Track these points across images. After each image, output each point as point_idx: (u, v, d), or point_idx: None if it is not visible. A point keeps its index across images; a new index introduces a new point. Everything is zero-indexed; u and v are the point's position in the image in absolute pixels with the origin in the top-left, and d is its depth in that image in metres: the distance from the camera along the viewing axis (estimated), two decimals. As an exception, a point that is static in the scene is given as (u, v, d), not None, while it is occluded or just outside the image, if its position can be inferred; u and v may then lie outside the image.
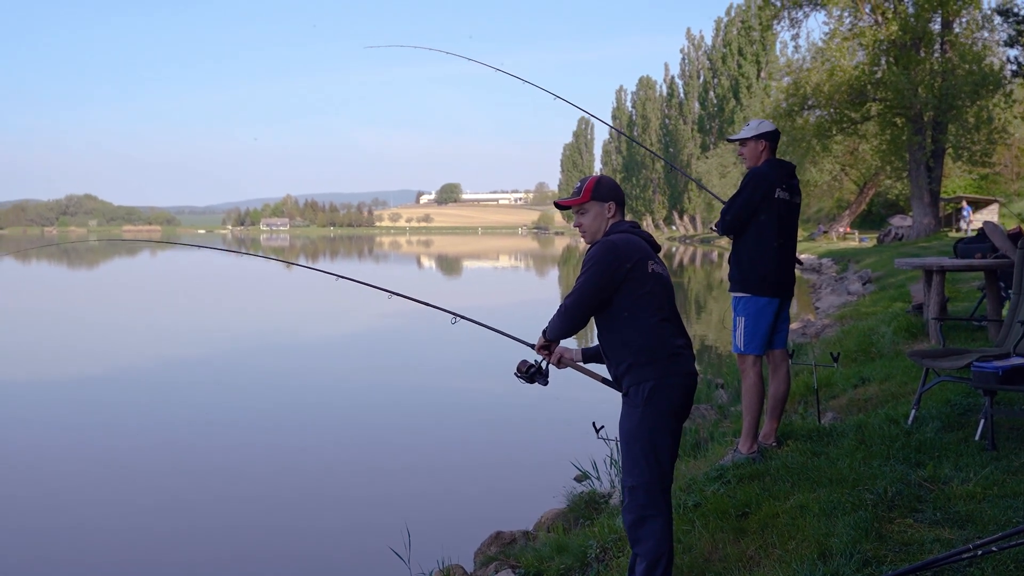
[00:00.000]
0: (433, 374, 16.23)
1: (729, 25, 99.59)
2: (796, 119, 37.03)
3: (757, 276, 6.14)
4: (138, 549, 7.75)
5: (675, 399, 4.15)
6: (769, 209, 6.10)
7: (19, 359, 18.42)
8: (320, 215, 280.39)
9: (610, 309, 4.19)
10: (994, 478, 4.98)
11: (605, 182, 4.40)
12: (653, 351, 4.12)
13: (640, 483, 4.14)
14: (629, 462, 4.20)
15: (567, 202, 4.40)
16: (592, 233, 4.35)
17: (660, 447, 4.13)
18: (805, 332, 15.70)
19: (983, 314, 10.35)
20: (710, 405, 10.02)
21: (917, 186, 36.15)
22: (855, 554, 4.06)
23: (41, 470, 10.11)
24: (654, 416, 4.11)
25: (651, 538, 4.13)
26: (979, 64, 33.48)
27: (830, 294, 24.46)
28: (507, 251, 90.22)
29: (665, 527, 4.16)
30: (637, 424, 4.13)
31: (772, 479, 5.53)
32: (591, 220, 4.34)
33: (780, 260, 6.18)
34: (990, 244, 10.27)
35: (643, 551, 4.16)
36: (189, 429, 11.91)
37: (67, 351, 19.60)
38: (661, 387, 4.11)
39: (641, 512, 4.14)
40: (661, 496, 4.16)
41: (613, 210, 4.34)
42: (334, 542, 7.79)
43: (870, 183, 54.77)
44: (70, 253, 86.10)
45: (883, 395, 7.88)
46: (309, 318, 27.01)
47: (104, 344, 20.81)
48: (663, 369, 4.13)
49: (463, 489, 9.31)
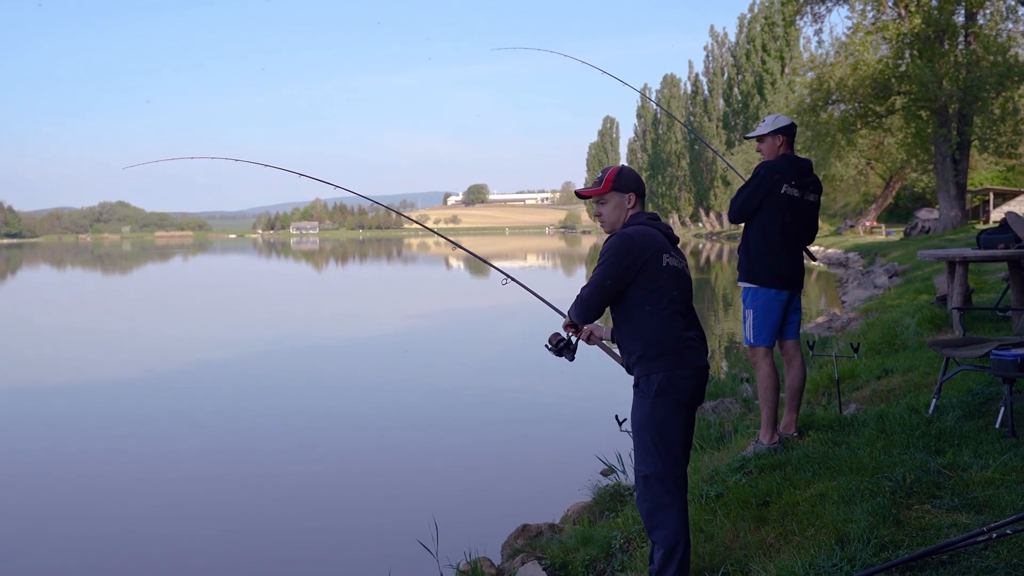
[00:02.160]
0: (460, 374, 16.30)
1: (752, 21, 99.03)
2: (820, 114, 36.77)
3: (763, 268, 6.19)
4: (178, 547, 7.88)
5: (685, 391, 4.17)
6: (773, 203, 6.13)
7: (56, 362, 18.68)
8: (349, 218, 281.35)
9: (623, 300, 4.23)
10: (1013, 464, 4.99)
11: (626, 172, 4.40)
12: (663, 343, 4.15)
13: (653, 472, 4.18)
14: (642, 452, 4.24)
15: (588, 192, 4.41)
16: (611, 223, 4.38)
17: (671, 437, 4.17)
18: (831, 326, 15.66)
19: (1008, 304, 10.30)
20: (735, 398, 10.02)
21: (943, 179, 35.84)
22: (872, 539, 4.10)
23: (81, 474, 10.26)
24: (664, 407, 4.15)
25: (667, 526, 4.18)
26: (1004, 55, 33.11)
27: (856, 288, 24.34)
28: (535, 250, 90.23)
29: (680, 515, 4.20)
30: (648, 415, 4.17)
31: (793, 469, 5.57)
32: (611, 210, 4.37)
33: (787, 254, 6.21)
34: (1013, 234, 10.23)
35: (660, 539, 4.20)
36: (221, 430, 12.06)
37: (107, 354, 19.85)
38: (671, 379, 4.14)
39: (656, 501, 4.19)
40: (675, 485, 4.19)
41: (633, 201, 4.35)
42: (365, 537, 7.90)
43: (896, 177, 54.31)
44: (103, 259, 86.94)
45: (906, 386, 7.87)
46: (338, 319, 27.21)
47: (143, 347, 21.05)
48: (673, 361, 4.16)
49: (490, 484, 9.38)
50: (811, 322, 16.44)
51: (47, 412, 13.63)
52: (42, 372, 17.52)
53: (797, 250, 6.33)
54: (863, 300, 19.11)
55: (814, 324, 16.07)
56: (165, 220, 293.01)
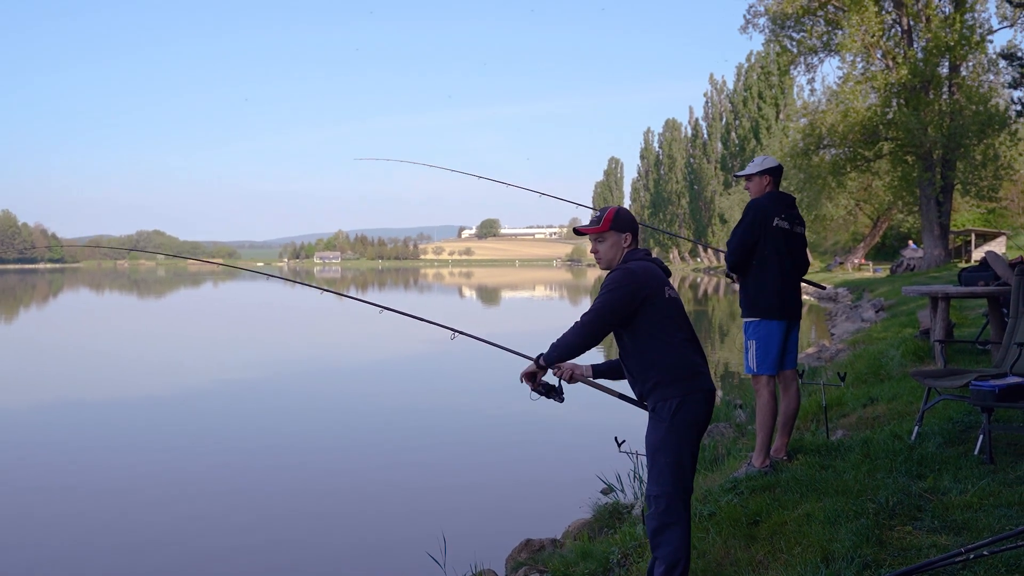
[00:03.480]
0: (468, 397, 16.28)
1: (750, 70, 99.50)
2: (812, 158, 36.79)
3: (765, 301, 6.18)
4: (195, 557, 7.86)
5: (698, 414, 4.20)
6: (768, 236, 6.15)
7: (88, 378, 18.72)
8: (369, 248, 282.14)
9: (636, 331, 4.22)
10: (990, 489, 4.96)
11: (623, 214, 4.41)
12: (677, 369, 4.17)
13: (663, 492, 4.18)
14: (655, 473, 4.23)
15: (587, 230, 4.41)
16: (607, 260, 4.39)
17: (684, 459, 4.18)
18: (820, 356, 15.61)
19: (987, 338, 10.25)
20: (728, 423, 9.98)
21: (928, 219, 35.80)
22: (856, 558, 4.07)
23: (113, 484, 10.27)
24: (680, 430, 4.16)
25: (671, 544, 4.17)
26: (985, 105, 33.20)
27: (845, 321, 24.25)
28: (543, 281, 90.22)
29: (684, 534, 4.19)
30: (663, 437, 4.17)
31: (782, 490, 5.54)
32: (607, 248, 4.38)
33: (785, 285, 6.22)
34: (992, 273, 10.20)
35: (663, 555, 4.19)
36: (239, 444, 12.08)
37: (135, 372, 19.89)
38: (686, 403, 4.16)
39: (663, 519, 4.18)
40: (682, 505, 4.20)
41: (629, 240, 4.37)
42: (378, 548, 7.86)
43: (883, 217, 54.28)
44: (139, 284, 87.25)
45: (890, 413, 7.83)
46: (352, 344, 27.21)
47: (171, 365, 21.10)
48: (687, 386, 4.18)
49: (497, 501, 9.35)
50: (802, 352, 16.36)
51: (94, 424, 13.66)
52: (80, 387, 17.55)
53: (795, 281, 6.34)
54: (851, 332, 19.04)
55: (805, 355, 16.01)
56: (197, 248, 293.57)
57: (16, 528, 8.61)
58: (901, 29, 35.01)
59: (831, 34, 36.04)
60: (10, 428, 13.64)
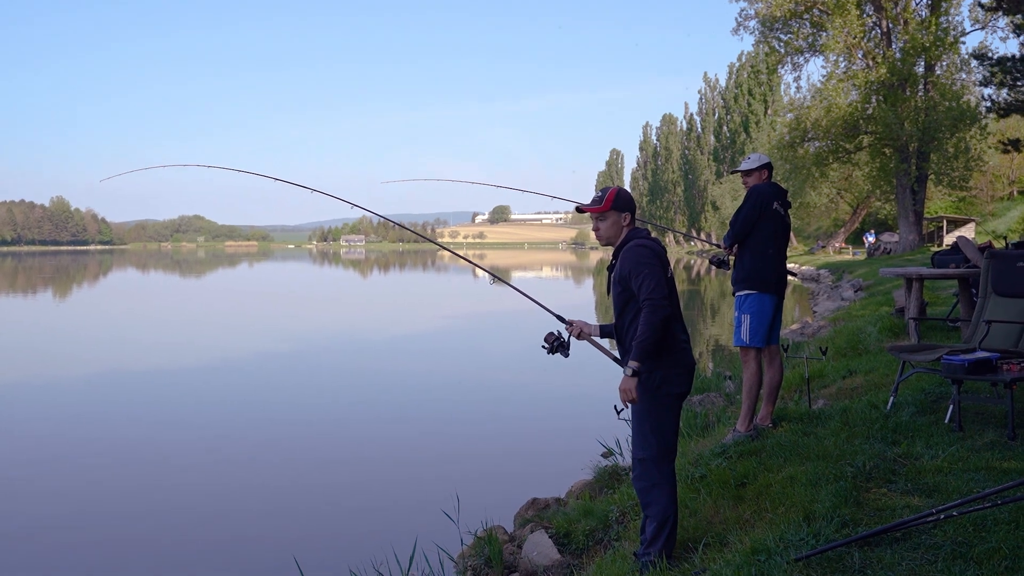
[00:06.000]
0: (480, 369, 16.29)
1: (740, 69, 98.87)
2: (798, 150, 36.68)
3: (760, 276, 6.18)
4: (226, 519, 7.90)
5: (680, 386, 4.19)
6: (767, 219, 6.21)
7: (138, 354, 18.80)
8: (391, 232, 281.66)
9: (632, 304, 4.18)
10: (959, 455, 4.92)
11: (623, 195, 4.36)
12: (664, 344, 4.13)
13: (649, 456, 4.17)
14: (640, 437, 4.22)
15: (589, 209, 4.34)
16: (608, 238, 4.33)
17: (666, 426, 4.18)
18: (803, 332, 15.53)
19: (957, 316, 10.18)
20: (719, 393, 9.92)
21: (903, 207, 35.68)
22: (835, 517, 4.04)
23: (157, 454, 10.31)
24: (663, 400, 4.15)
25: (659, 503, 4.16)
26: (958, 101, 33.11)
27: (826, 300, 24.18)
28: (550, 263, 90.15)
29: (671, 493, 4.19)
30: (648, 406, 4.16)
31: (767, 455, 5.51)
32: (608, 227, 4.31)
33: (777, 263, 6.27)
34: (963, 256, 10.12)
35: (653, 513, 4.18)
36: (266, 414, 12.11)
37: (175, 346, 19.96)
38: (669, 376, 4.14)
39: (650, 480, 4.17)
40: (667, 466, 4.19)
41: (628, 219, 4.32)
42: (397, 508, 7.88)
43: (862, 204, 54.04)
44: (181, 264, 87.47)
45: (867, 385, 7.78)
46: (375, 317, 27.27)
47: (211, 336, 21.16)
48: (672, 360, 4.15)
49: (506, 464, 9.37)
50: (787, 329, 16.30)
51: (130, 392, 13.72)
52: (154, 355, 17.63)
53: (784, 260, 6.37)
54: (832, 311, 18.96)
55: (789, 331, 15.94)
56: (234, 232, 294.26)
57: (68, 485, 8.67)
58: (881, 31, 34.76)
59: (816, 36, 35.85)
60: (62, 394, 13.72)
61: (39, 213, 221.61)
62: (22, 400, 13.21)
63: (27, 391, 13.97)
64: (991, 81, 24.53)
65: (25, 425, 11.41)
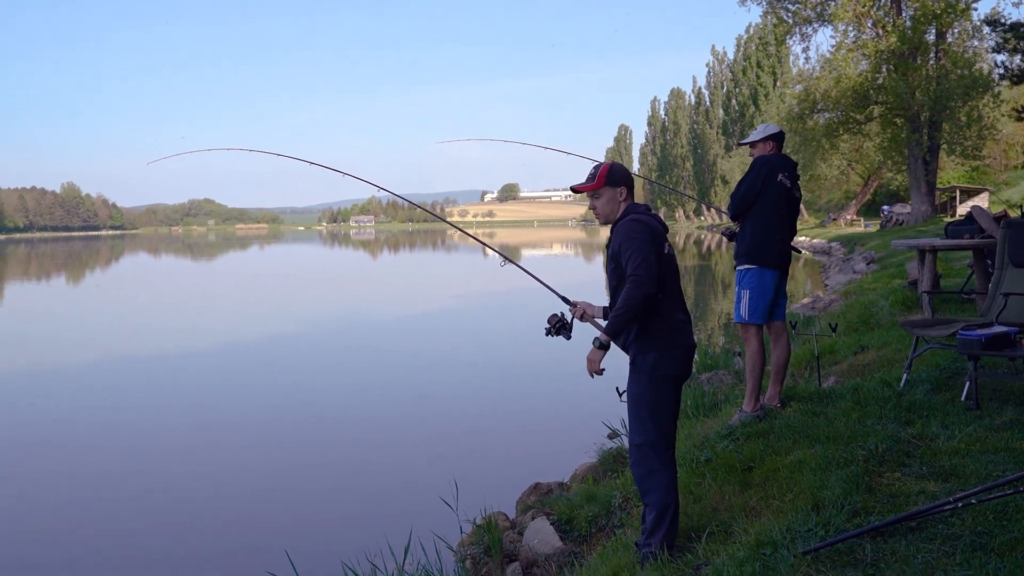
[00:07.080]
0: (481, 350, 16.10)
1: (748, 41, 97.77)
2: (807, 122, 36.27)
3: (762, 250, 5.94)
4: (227, 503, 7.77)
5: (676, 368, 3.98)
6: (771, 190, 5.94)
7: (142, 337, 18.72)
8: (400, 212, 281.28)
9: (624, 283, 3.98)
10: (977, 435, 4.69)
11: (616, 168, 4.15)
12: (658, 325, 3.93)
13: (646, 441, 3.98)
14: (636, 422, 4.03)
15: (582, 187, 4.17)
16: (605, 215, 4.13)
17: (663, 410, 3.98)
18: (814, 306, 15.25)
19: (972, 288, 9.91)
20: (728, 371, 9.69)
21: (915, 177, 35.23)
22: (846, 505, 3.82)
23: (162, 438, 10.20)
24: (658, 383, 3.95)
25: (658, 489, 3.98)
26: (970, 69, 32.53)
27: (838, 273, 23.88)
28: (559, 240, 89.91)
29: (670, 479, 4.00)
30: (643, 390, 3.97)
31: (775, 437, 5.29)
32: (604, 203, 4.12)
33: (781, 237, 6.00)
34: (977, 226, 9.82)
35: (652, 501, 4.00)
36: (268, 398, 11.96)
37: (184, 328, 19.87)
38: (664, 357, 3.94)
39: (648, 466, 3.99)
40: (665, 452, 4.00)
41: (624, 194, 4.11)
42: (393, 494, 7.72)
43: (873, 176, 53.44)
44: (192, 247, 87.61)
45: (880, 361, 7.54)
46: (380, 299, 27.12)
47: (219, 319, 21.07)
48: (666, 341, 3.94)
49: (507, 447, 9.17)
50: (797, 303, 16.03)
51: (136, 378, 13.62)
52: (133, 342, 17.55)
53: (789, 235, 6.11)
54: (843, 284, 18.67)
55: (800, 305, 15.67)
56: (244, 214, 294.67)
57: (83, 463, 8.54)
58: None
59: (824, 5, 35.30)
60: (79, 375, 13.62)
61: (50, 199, 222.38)
62: (22, 387, 13.13)
63: (24, 378, 13.90)
64: (1004, 47, 24.12)
65: (11, 413, 11.34)
